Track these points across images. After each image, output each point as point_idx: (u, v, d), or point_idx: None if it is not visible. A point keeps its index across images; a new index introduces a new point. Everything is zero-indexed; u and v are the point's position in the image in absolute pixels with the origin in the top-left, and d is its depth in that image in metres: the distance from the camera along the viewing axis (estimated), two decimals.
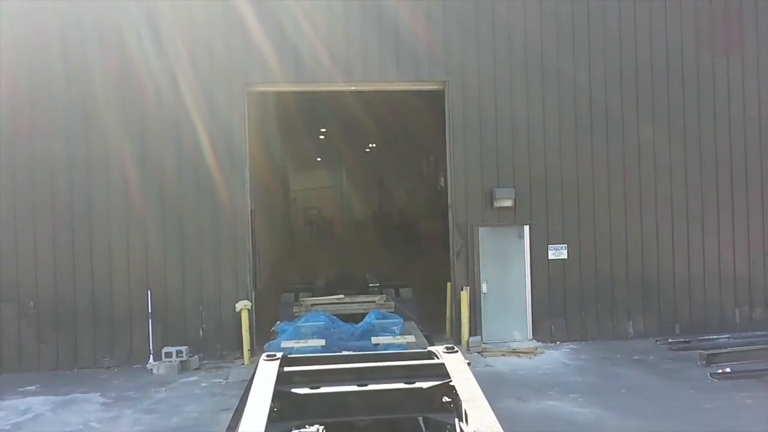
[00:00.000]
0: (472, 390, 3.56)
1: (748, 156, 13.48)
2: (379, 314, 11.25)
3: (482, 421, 3.17)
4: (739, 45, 13.36)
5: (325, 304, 12.44)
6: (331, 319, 11.06)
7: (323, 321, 10.86)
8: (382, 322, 10.90)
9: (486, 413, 3.26)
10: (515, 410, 8.97)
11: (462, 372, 3.80)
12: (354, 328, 10.83)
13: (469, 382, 3.66)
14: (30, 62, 12.07)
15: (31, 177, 12.01)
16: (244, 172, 12.56)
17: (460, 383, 3.66)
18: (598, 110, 13.13)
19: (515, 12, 12.93)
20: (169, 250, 12.23)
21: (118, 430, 8.85)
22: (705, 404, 9.13)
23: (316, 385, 3.78)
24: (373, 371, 4.00)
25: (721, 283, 13.41)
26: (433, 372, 3.93)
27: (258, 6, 12.31)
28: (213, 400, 9.98)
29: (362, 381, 3.83)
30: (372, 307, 12.00)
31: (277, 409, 3.53)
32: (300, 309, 12.23)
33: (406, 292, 14.05)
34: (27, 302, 11.96)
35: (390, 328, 10.59)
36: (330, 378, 3.89)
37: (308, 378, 3.90)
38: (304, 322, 11.03)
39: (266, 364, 3.98)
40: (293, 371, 3.97)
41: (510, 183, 12.93)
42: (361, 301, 12.68)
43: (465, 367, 3.91)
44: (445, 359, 4.03)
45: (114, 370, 11.84)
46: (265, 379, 3.73)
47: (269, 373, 3.81)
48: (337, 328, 10.84)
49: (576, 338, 13.00)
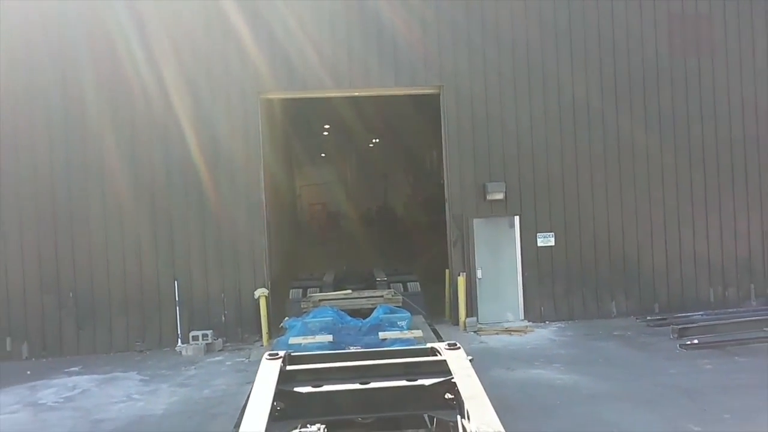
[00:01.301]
0: (473, 387, 3.56)
1: (720, 148, 14.67)
2: (386, 309, 11.01)
3: (483, 419, 3.17)
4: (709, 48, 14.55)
5: (332, 299, 12.38)
6: (339, 315, 10.86)
7: (331, 316, 10.64)
8: (389, 316, 10.66)
9: (487, 410, 3.26)
10: (503, 377, 10.26)
11: (464, 369, 3.80)
12: (362, 323, 10.60)
13: (470, 380, 3.66)
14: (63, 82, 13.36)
15: (68, 183, 13.30)
16: (259, 171, 13.84)
17: (461, 380, 3.66)
18: (581, 109, 14.34)
19: (504, 20, 14.14)
20: (193, 243, 13.53)
21: (157, 400, 10.15)
22: (670, 370, 10.41)
23: (318, 383, 3.80)
24: (375, 369, 4.00)
25: (696, 266, 14.65)
26: (435, 369, 3.93)
27: (269, 28, 13.56)
28: (238, 375, 11.27)
29: (364, 379, 3.83)
30: (380, 302, 11.77)
31: (279, 408, 3.55)
32: (308, 304, 12.17)
33: (414, 287, 14.19)
34: (66, 294, 13.29)
35: (398, 322, 10.35)
36: (332, 376, 3.89)
37: (310, 376, 3.92)
38: (312, 317, 10.91)
39: (269, 362, 3.97)
40: (295, 370, 3.99)
41: (501, 178, 14.16)
42: (368, 296, 12.53)
43: (467, 363, 3.91)
44: (446, 356, 4.04)
45: (146, 353, 13.16)
46: (268, 377, 3.74)
47: (271, 371, 3.82)
48: (345, 323, 10.63)
49: (563, 318, 14.26)
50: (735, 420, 8.06)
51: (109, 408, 9.86)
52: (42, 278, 13.26)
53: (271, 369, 3.85)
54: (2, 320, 13.12)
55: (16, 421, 9.45)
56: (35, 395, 10.71)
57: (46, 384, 11.31)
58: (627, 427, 8.05)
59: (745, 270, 14.74)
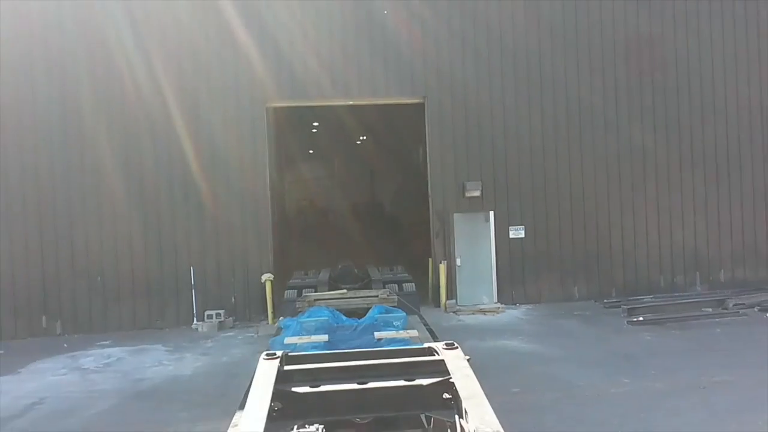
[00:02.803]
0: (471, 387, 3.58)
1: (670, 146, 16.69)
2: (382, 309, 10.90)
3: (482, 419, 3.19)
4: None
5: (327, 299, 12.35)
6: (334, 314, 10.76)
7: (326, 316, 10.57)
8: (385, 316, 10.53)
9: (485, 411, 3.28)
10: (476, 346, 12.17)
11: (462, 369, 3.81)
12: (357, 323, 10.46)
13: (468, 380, 3.67)
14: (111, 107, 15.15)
15: (97, 182, 15.10)
16: (265, 170, 15.71)
17: (459, 380, 3.66)
18: (548, 119, 16.30)
19: (481, 40, 16.06)
20: (207, 236, 15.36)
21: (184, 365, 12.02)
22: (615, 340, 12.43)
23: (316, 383, 3.81)
24: (372, 369, 4.02)
25: (649, 256, 16.67)
26: (433, 369, 3.94)
27: (276, 44, 15.41)
28: (250, 346, 13.12)
29: (362, 379, 3.85)
30: (375, 302, 11.68)
31: (277, 408, 3.56)
32: (303, 304, 12.13)
33: (410, 287, 14.33)
34: (95, 278, 15.09)
35: (393, 322, 10.24)
36: (330, 376, 3.91)
37: (308, 376, 3.92)
38: (307, 317, 10.78)
39: (266, 362, 3.97)
40: (293, 370, 3.99)
41: (478, 177, 16.09)
42: (363, 296, 12.49)
43: (465, 363, 3.91)
44: (444, 356, 4.05)
45: (166, 330, 14.99)
46: (265, 377, 3.74)
47: (269, 371, 3.81)
48: (340, 323, 10.51)
49: (532, 301, 16.23)
50: (658, 375, 10.06)
51: (145, 371, 11.72)
52: (74, 265, 15.05)
53: (269, 368, 3.85)
54: (39, 301, 14.91)
55: (68, 381, 11.28)
56: (77, 362, 12.54)
57: (84, 354, 13.12)
58: (573, 380, 10.02)
59: (692, 260, 16.79)
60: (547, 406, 8.93)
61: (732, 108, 16.79)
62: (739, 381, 9.53)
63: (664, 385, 9.56)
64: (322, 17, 15.62)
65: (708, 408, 8.49)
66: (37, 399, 10.24)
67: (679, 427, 7.81)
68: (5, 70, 14.89)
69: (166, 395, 10.27)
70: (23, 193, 14.95)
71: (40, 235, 14.97)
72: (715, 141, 16.82)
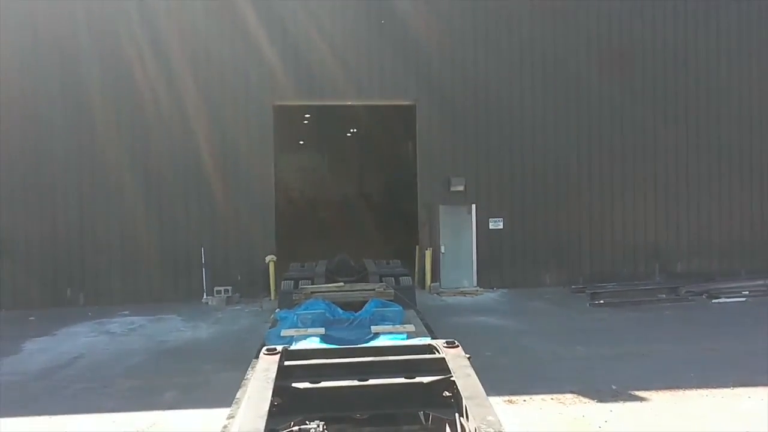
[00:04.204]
0: (472, 386, 3.59)
1: (636, 149, 18.52)
2: (378, 302, 10.72)
3: (483, 418, 3.19)
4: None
5: (324, 292, 12.29)
6: (331, 307, 10.50)
7: (323, 309, 10.30)
8: (381, 310, 10.31)
9: (487, 410, 3.28)
10: (456, 321, 13.97)
11: (463, 368, 3.81)
12: (353, 316, 10.22)
13: (470, 379, 3.68)
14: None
15: (119, 172, 16.74)
16: (270, 162, 17.40)
17: (460, 379, 3.67)
18: (526, 121, 18.08)
19: (467, 49, 17.79)
20: (217, 219, 17.03)
21: (200, 331, 13.73)
22: (577, 318, 14.30)
23: (316, 379, 3.82)
24: (373, 365, 4.02)
25: (614, 247, 18.52)
26: (434, 367, 3.96)
27: (287, 48, 17.08)
28: (256, 318, 14.80)
29: (363, 375, 3.87)
30: (372, 295, 11.51)
31: (277, 404, 3.57)
32: (300, 296, 11.99)
33: (406, 281, 14.63)
34: (116, 254, 16.74)
35: (390, 316, 9.99)
36: (330, 372, 3.92)
37: (309, 372, 3.94)
38: (304, 309, 10.51)
39: (266, 358, 3.99)
40: (293, 365, 4.01)
41: (462, 173, 17.84)
42: (360, 289, 12.31)
43: (466, 362, 3.91)
44: (445, 354, 4.06)
45: (178, 304, 16.65)
46: (265, 373, 3.74)
47: (269, 367, 3.82)
48: (337, 316, 10.26)
49: (508, 285, 18.01)
50: (607, 344, 11.93)
51: (166, 335, 13.43)
52: (96, 243, 16.69)
53: (270, 364, 3.87)
54: (65, 275, 16.56)
55: (101, 341, 12.98)
56: (104, 327, 14.21)
57: (108, 321, 14.78)
58: (536, 348, 11.84)
59: (652, 252, 18.66)
60: (513, 365, 10.77)
61: (692, 111, 18.60)
62: (673, 350, 11.43)
63: (611, 352, 11.44)
64: (336, 18, 17.29)
65: (641, 369, 10.35)
66: (78, 354, 11.95)
67: (613, 380, 9.63)
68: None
69: (189, 353, 12.01)
70: (52, 179, 16.54)
71: (65, 216, 16.58)
72: (672, 144, 18.65)
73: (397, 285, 13.35)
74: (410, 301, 12.25)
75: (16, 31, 16.44)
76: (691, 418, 8.23)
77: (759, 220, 18.86)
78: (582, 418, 8.31)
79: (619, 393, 9.10)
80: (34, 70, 16.56)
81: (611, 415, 8.33)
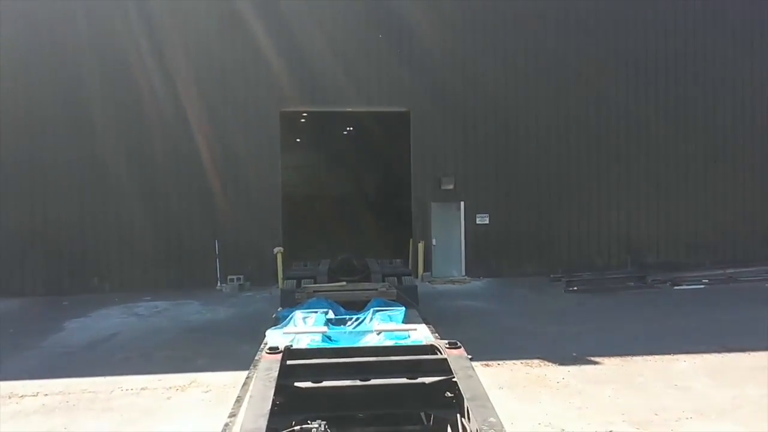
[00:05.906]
0: (474, 387, 3.60)
1: (610, 146, 20.33)
2: (381, 302, 10.56)
3: (485, 419, 3.19)
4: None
5: (326, 291, 12.55)
6: (333, 306, 10.39)
7: (325, 308, 10.07)
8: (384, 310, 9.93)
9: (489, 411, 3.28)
10: (446, 305, 15.73)
11: (465, 369, 3.82)
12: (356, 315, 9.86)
13: (471, 380, 3.68)
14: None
15: (140, 172, 18.46)
16: (278, 161, 19.17)
17: (462, 380, 3.69)
18: (512, 123, 19.87)
19: (457, 56, 19.56)
20: (231, 213, 18.78)
21: (218, 314, 15.49)
22: (552, 303, 16.15)
23: (318, 378, 3.84)
24: (375, 365, 4.03)
25: (589, 241, 20.35)
26: (436, 368, 3.97)
27: (293, 61, 18.82)
28: (266, 303, 16.42)
29: (365, 375, 3.89)
30: (374, 295, 11.57)
31: (279, 403, 3.59)
32: (302, 295, 12.24)
33: (409, 280, 14.73)
34: (140, 246, 18.49)
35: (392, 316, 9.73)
36: (333, 372, 3.93)
37: (311, 372, 3.95)
38: (306, 308, 10.35)
39: (269, 357, 4.00)
40: (296, 365, 4.02)
41: (452, 173, 19.64)
42: (363, 289, 12.49)
43: (468, 363, 3.92)
44: (447, 355, 4.08)
45: (195, 291, 18.38)
46: (268, 372, 3.77)
47: (271, 366, 3.84)
48: (339, 315, 10.01)
49: (493, 275, 19.79)
50: (576, 323, 13.76)
51: (188, 317, 15.20)
52: (120, 236, 18.44)
53: (272, 363, 3.88)
54: (92, 264, 18.31)
55: (132, 321, 14.76)
56: (132, 311, 15.96)
57: (135, 305, 16.51)
58: (514, 326, 13.65)
59: (624, 245, 20.49)
60: (494, 339, 12.55)
61: (667, 115, 20.44)
62: (631, 327, 13.28)
63: (578, 329, 13.27)
64: (340, 25, 19.03)
65: (601, 342, 12.19)
66: (115, 331, 13.72)
67: (575, 350, 11.45)
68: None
69: (212, 330, 13.80)
70: (81, 175, 18.25)
71: (93, 210, 18.31)
72: (644, 149, 20.48)
73: (400, 284, 13.13)
74: (413, 300, 12.08)
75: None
76: (631, 375, 10.07)
77: (721, 219, 20.63)
78: (544, 376, 10.14)
79: (577, 358, 10.94)
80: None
81: (568, 374, 10.16)
